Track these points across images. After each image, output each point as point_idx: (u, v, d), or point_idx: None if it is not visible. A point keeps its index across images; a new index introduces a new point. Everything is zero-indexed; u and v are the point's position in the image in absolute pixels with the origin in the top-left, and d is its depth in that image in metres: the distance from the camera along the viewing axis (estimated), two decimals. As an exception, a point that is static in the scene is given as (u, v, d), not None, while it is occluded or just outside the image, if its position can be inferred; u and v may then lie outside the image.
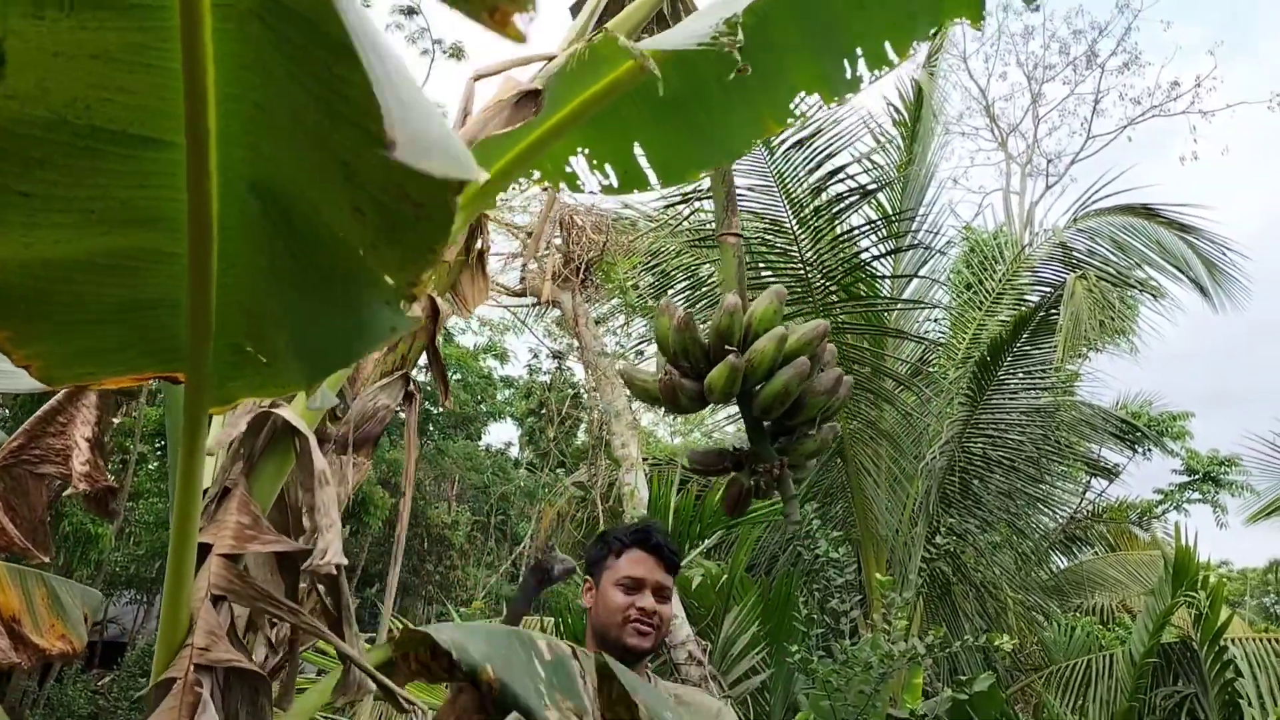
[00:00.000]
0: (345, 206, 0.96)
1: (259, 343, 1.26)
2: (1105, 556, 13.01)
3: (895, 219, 8.45)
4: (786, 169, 7.88)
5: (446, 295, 2.92)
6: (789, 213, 7.93)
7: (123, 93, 1.00)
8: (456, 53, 15.71)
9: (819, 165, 7.85)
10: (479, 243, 2.87)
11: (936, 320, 10.12)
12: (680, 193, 8.15)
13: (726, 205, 2.19)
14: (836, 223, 8.10)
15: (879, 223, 8.41)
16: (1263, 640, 8.11)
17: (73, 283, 1.14)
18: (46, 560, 1.94)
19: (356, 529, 14.37)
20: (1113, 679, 7.99)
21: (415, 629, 1.54)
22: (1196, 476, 20.09)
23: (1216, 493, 20.07)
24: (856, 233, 8.29)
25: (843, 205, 8.07)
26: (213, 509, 1.63)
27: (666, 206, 8.49)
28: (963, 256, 10.91)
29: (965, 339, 9.44)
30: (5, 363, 1.24)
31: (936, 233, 9.25)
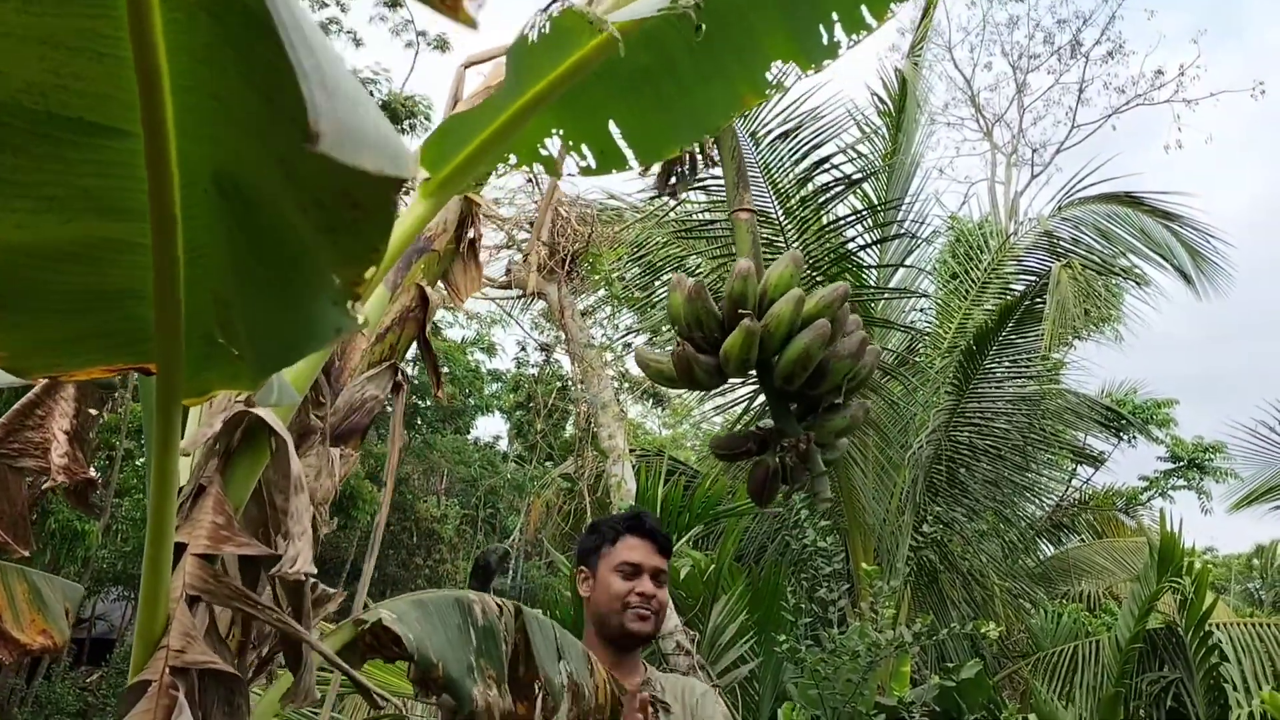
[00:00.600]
0: (291, 203, 0.95)
1: (230, 333, 1.25)
2: (1091, 544, 13.08)
3: (881, 209, 8.46)
4: (772, 160, 7.88)
5: (437, 285, 2.91)
6: (775, 203, 7.93)
7: (78, 80, 0.99)
8: (441, 45, 15.66)
9: (804, 156, 7.85)
10: (470, 232, 2.86)
11: (923, 310, 10.14)
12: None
13: (738, 182, 2.12)
14: (822, 213, 8.10)
15: (865, 213, 8.42)
16: (1247, 625, 8.16)
17: (38, 270, 1.13)
18: (27, 554, 1.93)
19: (345, 523, 14.33)
20: (1099, 665, 8.03)
21: (362, 618, 1.56)
22: (1181, 463, 20.21)
23: (1201, 479, 20.21)
24: (842, 223, 8.30)
25: (828, 195, 8.08)
26: (188, 507, 1.62)
27: (652, 198, 8.48)
28: (948, 246, 10.94)
29: (951, 328, 9.46)
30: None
31: (922, 222, 9.28)
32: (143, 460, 13.59)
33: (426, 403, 18.75)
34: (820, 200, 8.03)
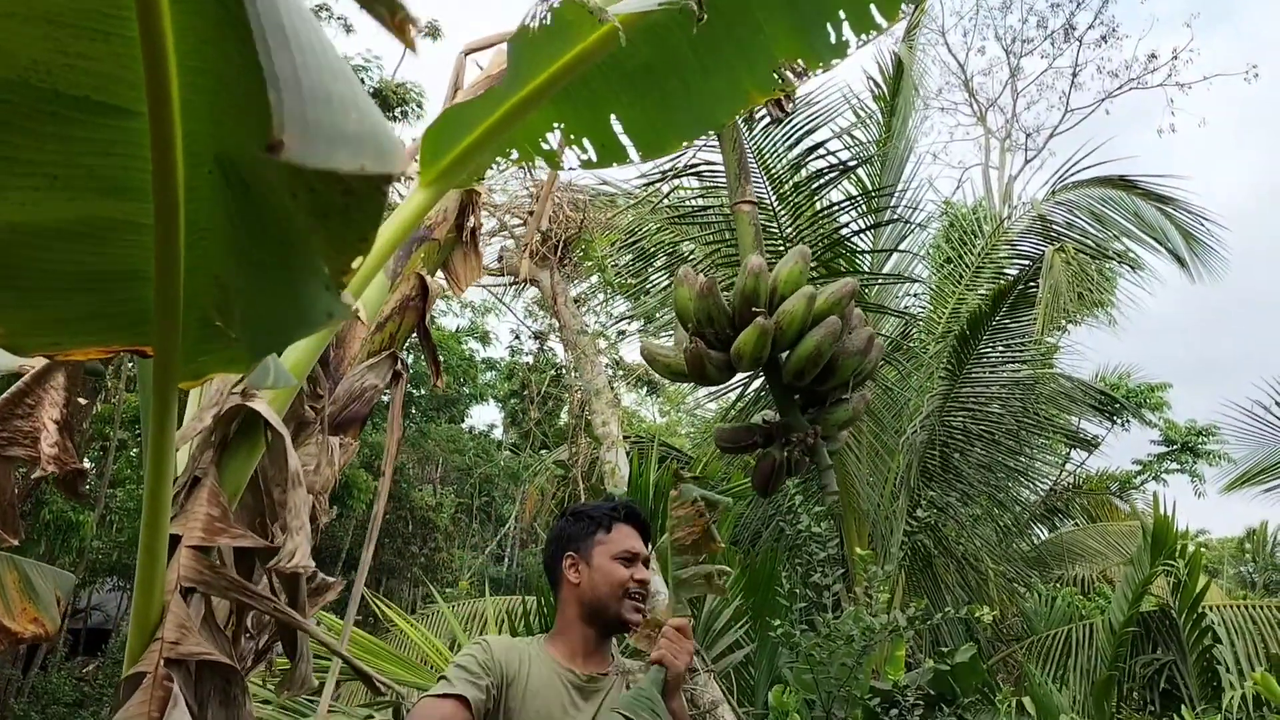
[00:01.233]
0: (284, 189, 0.94)
1: (226, 316, 1.24)
2: (1085, 528, 13.12)
3: (875, 194, 8.45)
4: (766, 145, 7.86)
5: (437, 274, 2.89)
6: (769, 189, 7.91)
7: (83, 59, 0.98)
8: (433, 32, 15.57)
9: (798, 141, 7.83)
10: (470, 221, 2.84)
11: (916, 295, 10.14)
12: (659, 170, 8.13)
13: (740, 174, 2.11)
14: (816, 198, 8.08)
15: (859, 198, 8.40)
16: (1240, 608, 8.21)
17: (39, 249, 1.12)
18: (15, 543, 1.92)
19: (341, 512, 14.33)
20: (1093, 648, 8.07)
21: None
22: (1174, 447, 20.29)
23: (1194, 462, 20.29)
24: (836, 208, 8.28)
25: (822, 181, 8.06)
26: (183, 499, 1.61)
27: (647, 184, 8.45)
28: (942, 231, 10.93)
29: (945, 313, 9.47)
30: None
31: (916, 208, 9.26)
32: (137, 451, 13.57)
33: (421, 391, 18.73)
34: (814, 186, 8.01)
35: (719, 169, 7.74)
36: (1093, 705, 7.15)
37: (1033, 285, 8.18)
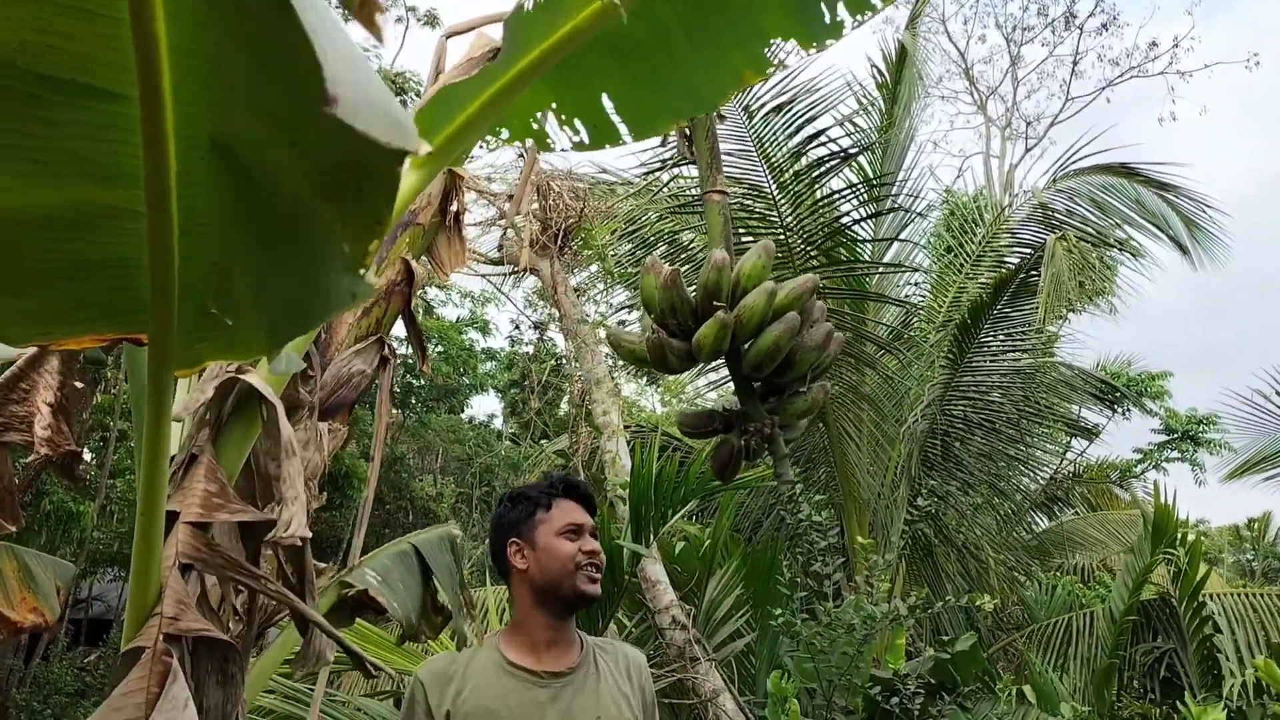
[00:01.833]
0: (296, 172, 0.92)
1: (225, 304, 1.22)
2: (1086, 516, 13.13)
3: (876, 183, 8.42)
4: (766, 133, 7.83)
5: (422, 259, 2.88)
6: (768, 177, 7.89)
7: (69, 40, 0.96)
8: (431, 20, 15.52)
9: (799, 129, 7.80)
10: (454, 205, 2.82)
11: (917, 284, 10.12)
12: (659, 159, 8.10)
13: (711, 162, 2.12)
14: (817, 187, 8.06)
15: (859, 187, 8.38)
16: (1240, 596, 8.21)
17: (28, 237, 1.10)
18: (14, 530, 1.91)
19: (340, 502, 14.32)
20: (1093, 636, 8.08)
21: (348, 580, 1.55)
22: (1175, 435, 20.29)
23: (1195, 451, 20.29)
24: (837, 197, 8.26)
25: (823, 169, 8.03)
26: (180, 476, 1.60)
27: (647, 173, 8.43)
28: (943, 220, 10.90)
29: (945, 302, 9.45)
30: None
31: (917, 196, 9.24)
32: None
33: (421, 382, 18.72)
34: (815, 174, 7.99)
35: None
36: (1093, 693, 7.16)
37: (1034, 274, 8.15)
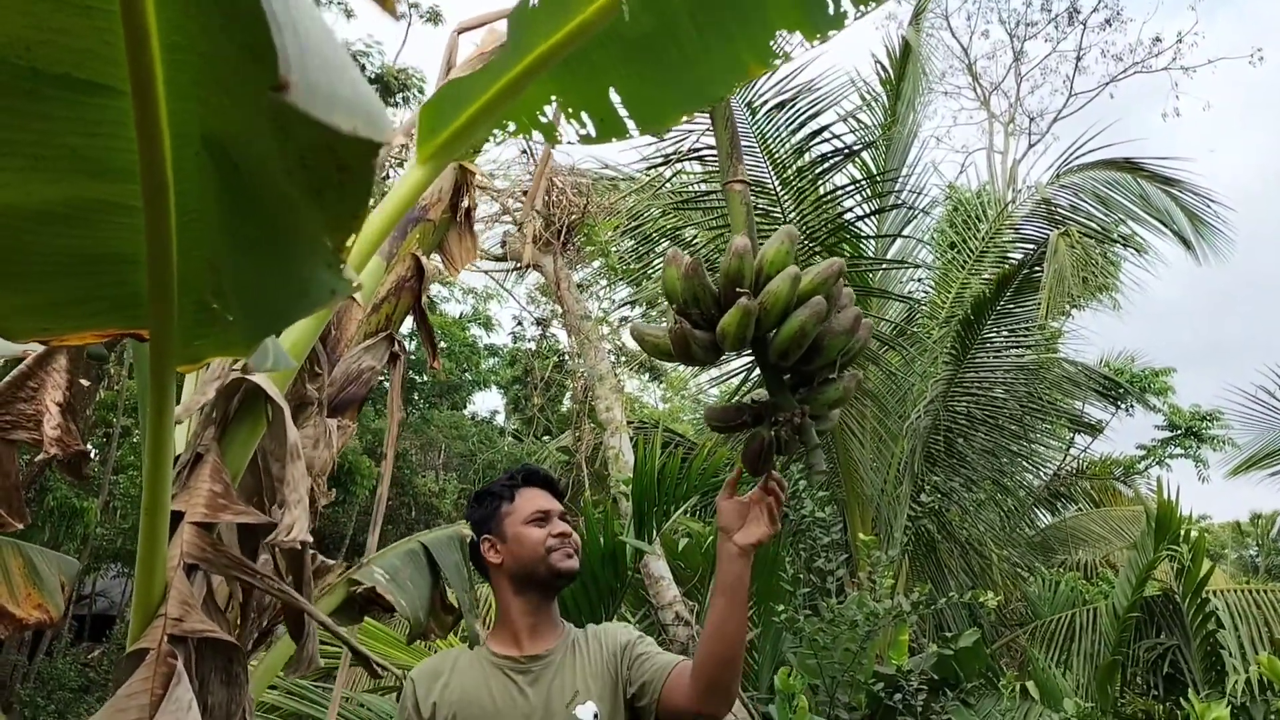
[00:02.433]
0: (278, 165, 0.92)
1: (223, 299, 1.22)
2: (1089, 512, 13.12)
3: (879, 179, 8.41)
4: (769, 130, 7.82)
5: (433, 255, 2.87)
6: (771, 174, 7.88)
7: (64, 35, 0.96)
8: (434, 17, 15.50)
9: (801, 126, 7.79)
10: (465, 201, 2.82)
11: (920, 280, 10.11)
12: (662, 155, 8.09)
13: (730, 152, 2.08)
14: (820, 183, 8.05)
15: (863, 183, 8.37)
16: (1244, 592, 8.21)
17: (25, 232, 1.10)
18: (20, 527, 1.91)
19: (343, 498, 14.34)
20: (1096, 633, 8.08)
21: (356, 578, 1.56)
22: (1178, 432, 20.27)
23: (1198, 447, 20.27)
24: (840, 193, 8.25)
25: (826, 166, 8.02)
26: (185, 476, 1.60)
27: (649, 168, 8.42)
28: (946, 216, 10.89)
29: (949, 298, 9.44)
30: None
31: (920, 192, 9.23)
32: (140, 437, 13.57)
33: (423, 378, 18.73)
34: (818, 171, 7.98)
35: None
36: (1096, 690, 7.16)
37: (1037, 269, 8.15)
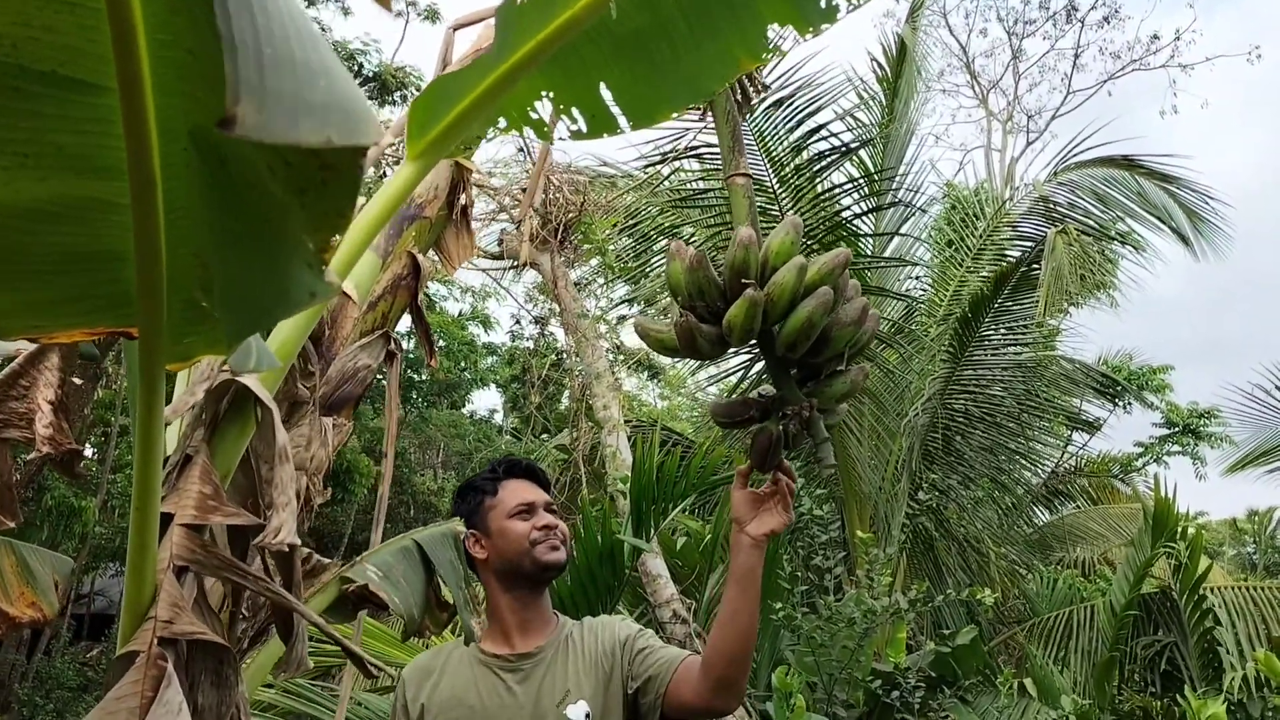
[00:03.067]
0: (261, 163, 0.91)
1: (210, 296, 1.22)
2: (1087, 510, 13.11)
3: (877, 177, 8.40)
4: (767, 127, 7.81)
5: (429, 253, 2.87)
6: (769, 172, 7.87)
7: (49, 32, 0.95)
8: (431, 15, 15.48)
9: (799, 124, 7.78)
10: (461, 198, 2.81)
11: (918, 278, 10.10)
12: (659, 152, 8.08)
13: (733, 146, 2.06)
14: (817, 181, 8.04)
15: (860, 181, 8.36)
16: (1241, 589, 8.21)
17: (13, 230, 1.10)
18: (13, 525, 1.90)
19: (341, 497, 14.33)
20: (1094, 630, 8.07)
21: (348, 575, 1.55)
22: (1176, 429, 20.28)
23: (1195, 445, 20.29)
24: (838, 190, 8.24)
25: (824, 164, 8.02)
26: (175, 477, 1.59)
27: (647, 166, 8.41)
28: (944, 214, 10.89)
29: (946, 296, 9.43)
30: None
31: (918, 191, 9.22)
32: (137, 435, 13.51)
33: (422, 376, 18.72)
34: (816, 168, 7.97)
35: (719, 151, 7.70)
36: (1094, 686, 7.16)
37: (1035, 267, 8.14)
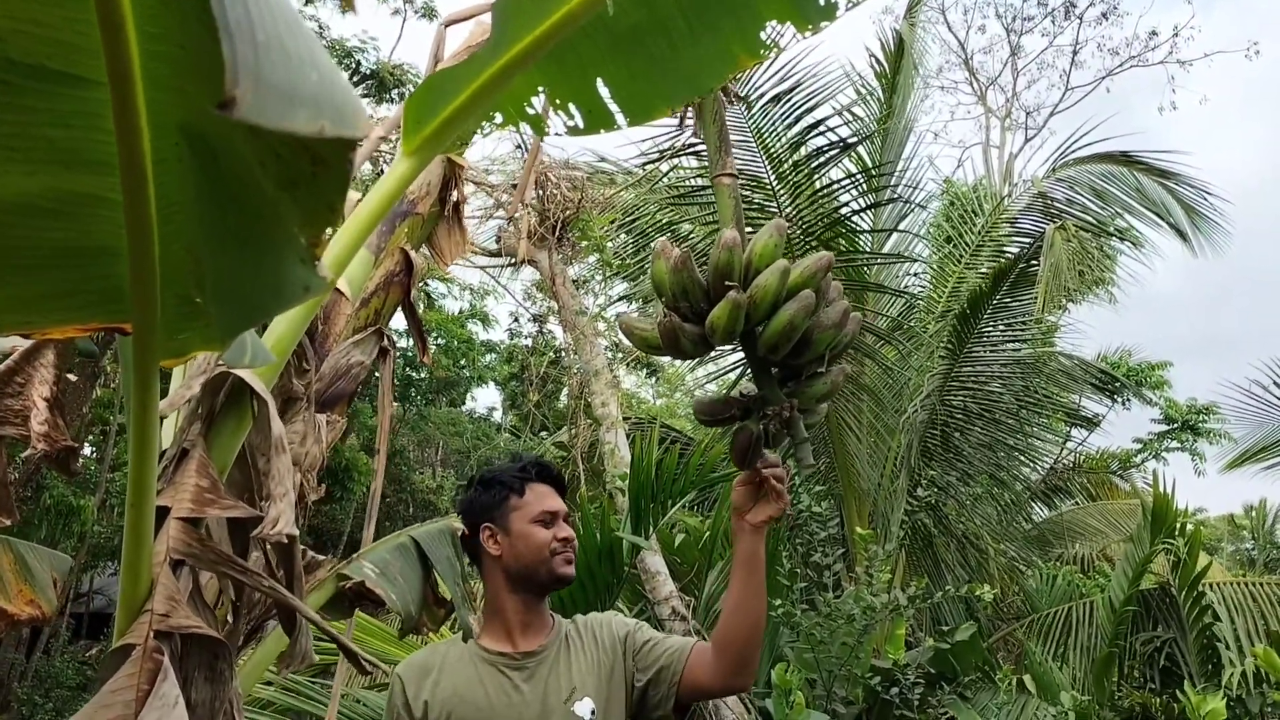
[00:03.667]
0: (252, 158, 0.91)
1: (204, 291, 1.21)
2: (1086, 506, 13.11)
3: (875, 173, 8.40)
4: (764, 124, 7.81)
5: (422, 249, 2.86)
6: (767, 168, 7.86)
7: (38, 25, 0.95)
8: (428, 12, 15.47)
9: (797, 120, 7.77)
10: (454, 194, 2.81)
11: (917, 274, 10.10)
12: (657, 149, 8.08)
13: (720, 145, 2.08)
14: (815, 177, 8.04)
15: (858, 177, 8.36)
16: (1240, 585, 8.21)
17: (4, 225, 1.09)
18: (9, 523, 1.90)
19: (340, 495, 14.34)
20: (1093, 626, 8.08)
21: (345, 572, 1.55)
22: (1175, 425, 20.30)
23: (1194, 441, 20.31)
24: (836, 187, 8.24)
25: (822, 160, 8.01)
26: (171, 471, 1.59)
27: (645, 163, 8.40)
28: (942, 210, 10.89)
29: (945, 292, 9.43)
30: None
31: (916, 187, 9.22)
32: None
33: (420, 374, 18.73)
34: (814, 165, 7.96)
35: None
36: (1093, 682, 7.16)
37: (1033, 263, 8.14)
